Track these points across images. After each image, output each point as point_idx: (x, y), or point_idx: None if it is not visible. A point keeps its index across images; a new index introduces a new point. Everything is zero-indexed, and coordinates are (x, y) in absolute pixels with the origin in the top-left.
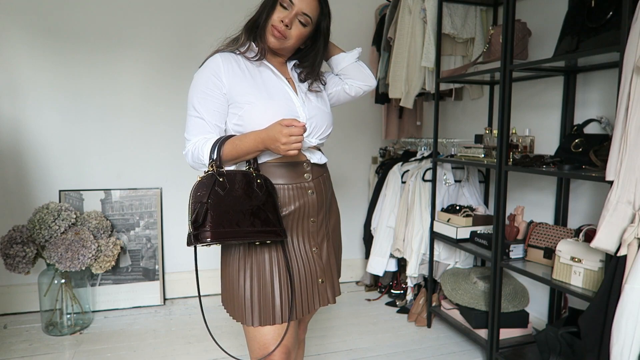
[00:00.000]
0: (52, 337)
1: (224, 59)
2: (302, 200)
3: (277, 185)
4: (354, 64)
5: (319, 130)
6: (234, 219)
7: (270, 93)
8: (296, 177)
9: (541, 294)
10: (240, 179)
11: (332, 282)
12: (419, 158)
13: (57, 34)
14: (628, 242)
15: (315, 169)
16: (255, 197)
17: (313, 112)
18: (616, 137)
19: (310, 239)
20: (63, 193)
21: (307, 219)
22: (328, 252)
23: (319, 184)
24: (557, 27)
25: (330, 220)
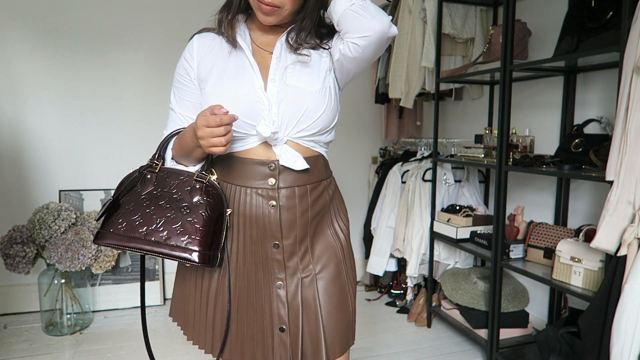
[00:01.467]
0: (52, 337)
1: (199, 39)
2: (259, 211)
3: (229, 185)
4: (348, 10)
5: (291, 118)
6: (142, 226)
7: (229, 76)
8: (254, 179)
9: (541, 294)
10: (179, 179)
11: (311, 339)
12: (419, 158)
13: (57, 34)
14: (628, 242)
15: (289, 175)
16: (186, 205)
17: (281, 94)
18: (616, 137)
19: (272, 269)
20: (63, 193)
21: (266, 241)
22: (304, 296)
23: (292, 197)
24: (557, 27)
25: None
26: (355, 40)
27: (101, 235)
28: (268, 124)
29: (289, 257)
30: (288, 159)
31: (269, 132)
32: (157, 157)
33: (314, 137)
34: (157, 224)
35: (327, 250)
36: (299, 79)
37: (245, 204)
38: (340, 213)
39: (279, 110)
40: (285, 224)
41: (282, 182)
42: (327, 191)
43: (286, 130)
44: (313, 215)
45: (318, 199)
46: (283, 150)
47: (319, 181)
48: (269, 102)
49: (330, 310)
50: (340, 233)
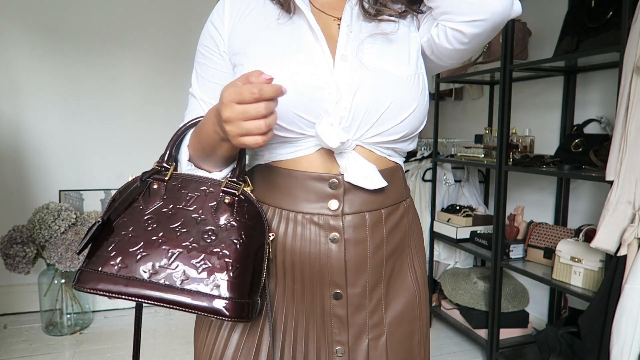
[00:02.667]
0: (52, 337)
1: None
2: (314, 248)
3: (272, 209)
4: None
5: (371, 115)
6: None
7: (281, 51)
8: (308, 201)
9: (541, 294)
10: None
11: None
12: (419, 158)
13: (57, 34)
14: (628, 242)
15: (357, 196)
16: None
17: (360, 80)
18: (616, 137)
19: (329, 328)
20: (63, 193)
21: (324, 290)
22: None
23: (362, 227)
24: (557, 27)
25: (393, 302)
26: (459, 25)
27: (85, 277)
28: (335, 125)
29: (355, 311)
30: (357, 174)
31: (338, 141)
32: (167, 159)
33: (394, 145)
34: (168, 259)
35: (404, 300)
36: (382, 57)
37: (294, 236)
38: (420, 245)
39: (352, 103)
40: (352, 265)
41: (349, 207)
42: (407, 216)
43: (358, 132)
44: (390, 252)
45: (396, 227)
46: (351, 160)
47: (397, 203)
48: (338, 90)
49: None
50: (420, 275)
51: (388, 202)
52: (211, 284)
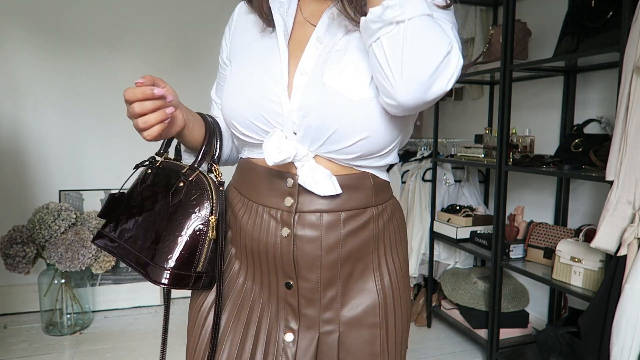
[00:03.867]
0: (52, 337)
1: (240, 8)
2: (269, 238)
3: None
4: (372, 47)
5: (320, 132)
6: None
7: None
8: (267, 196)
9: (541, 294)
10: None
11: None
12: (419, 158)
13: (57, 34)
14: (628, 242)
15: (314, 197)
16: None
17: (310, 98)
18: (616, 137)
19: (282, 314)
20: (63, 193)
21: (277, 277)
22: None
23: (316, 227)
24: (557, 27)
25: (352, 306)
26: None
27: (98, 234)
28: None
29: (307, 303)
30: (308, 178)
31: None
32: (163, 147)
33: (354, 162)
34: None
35: (363, 305)
36: (342, 75)
37: (254, 225)
38: (396, 251)
39: (302, 122)
40: (304, 260)
41: (304, 204)
42: (375, 222)
43: (312, 147)
44: (348, 254)
45: (358, 232)
46: (306, 166)
47: (361, 208)
48: (289, 107)
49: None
50: (387, 281)
51: (349, 206)
52: (157, 254)
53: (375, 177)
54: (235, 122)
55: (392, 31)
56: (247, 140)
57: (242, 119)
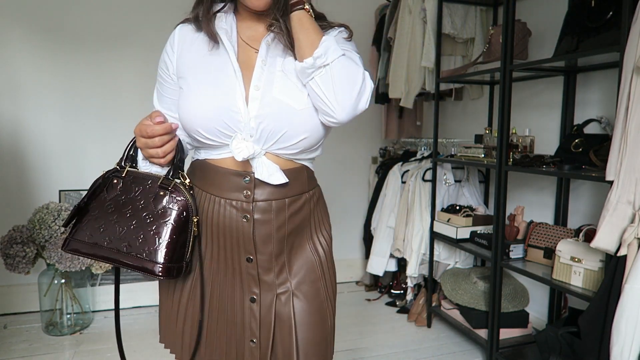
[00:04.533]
0: (52, 337)
1: (182, 29)
2: (233, 224)
3: (204, 193)
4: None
5: (272, 135)
6: (105, 235)
7: (207, 78)
8: (228, 190)
9: (541, 294)
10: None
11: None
12: (419, 158)
13: (57, 34)
14: (628, 242)
15: (265, 188)
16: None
17: (263, 109)
18: (616, 137)
19: (246, 282)
20: (63, 193)
21: (241, 254)
22: (277, 313)
23: (268, 211)
24: (557, 27)
25: (295, 267)
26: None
27: (68, 242)
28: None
29: (264, 272)
30: (263, 173)
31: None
32: (124, 160)
33: (295, 156)
34: (119, 233)
35: (305, 266)
36: (284, 89)
37: (218, 214)
38: (322, 226)
39: (258, 126)
40: (260, 238)
41: (258, 195)
42: (308, 204)
43: (265, 145)
44: (291, 230)
45: (297, 212)
46: (260, 162)
47: (299, 194)
48: (247, 115)
49: (306, 327)
50: (320, 248)
51: (292, 193)
52: (146, 251)
53: (308, 169)
54: (200, 129)
55: (322, 72)
56: (208, 143)
57: (206, 126)
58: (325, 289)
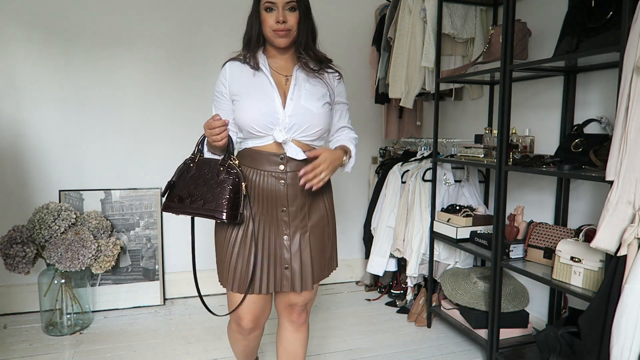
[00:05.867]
0: (52, 337)
1: (230, 66)
2: (272, 187)
3: (252, 169)
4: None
5: (299, 128)
6: (187, 198)
7: (257, 93)
8: (269, 165)
9: (541, 294)
10: (210, 165)
11: (301, 273)
12: (419, 158)
13: (57, 34)
14: (628, 242)
15: (293, 163)
16: (215, 181)
17: (295, 111)
18: (616, 137)
19: (281, 226)
20: (63, 193)
21: (277, 207)
22: (301, 245)
23: (295, 177)
24: (557, 27)
25: (312, 215)
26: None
27: (165, 206)
28: (282, 131)
29: (293, 219)
30: (292, 153)
31: (282, 138)
32: (195, 153)
33: (311, 142)
34: (196, 196)
35: (318, 215)
36: (308, 100)
37: (263, 182)
38: (329, 190)
39: (290, 122)
40: (291, 196)
41: (289, 168)
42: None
43: (293, 135)
44: (310, 191)
45: None
46: (289, 146)
47: None
48: (284, 115)
49: (315, 254)
50: (327, 204)
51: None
52: (215, 205)
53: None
54: (254, 124)
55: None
56: (256, 134)
57: (257, 122)
58: (328, 232)
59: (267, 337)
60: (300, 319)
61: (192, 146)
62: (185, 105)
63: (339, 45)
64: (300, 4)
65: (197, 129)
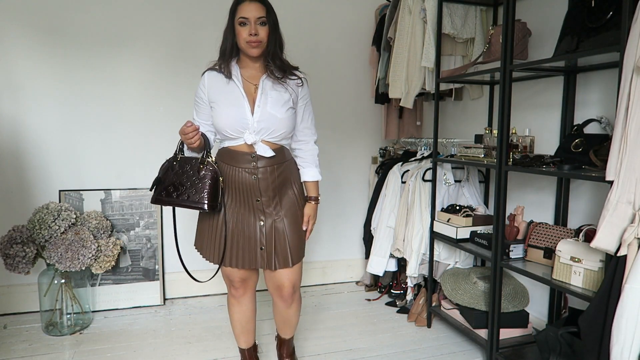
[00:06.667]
0: (52, 337)
1: (208, 75)
2: (246, 181)
3: (229, 166)
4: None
5: (267, 131)
6: (174, 191)
7: (229, 101)
8: (243, 163)
9: (541, 294)
10: (192, 163)
11: (275, 253)
12: (419, 158)
13: (57, 34)
14: (628, 242)
15: (263, 160)
16: (196, 177)
17: (262, 117)
18: (616, 137)
19: (257, 214)
20: (63, 193)
21: (252, 197)
22: (275, 230)
23: (265, 171)
24: (557, 27)
25: (284, 203)
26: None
27: (154, 199)
28: (251, 134)
29: (266, 207)
30: (261, 151)
31: (252, 140)
32: (177, 153)
33: (278, 141)
34: (182, 190)
35: (288, 202)
36: (273, 107)
37: (237, 176)
38: (296, 180)
39: (258, 126)
40: (262, 188)
41: (259, 164)
42: (287, 167)
43: (262, 136)
44: (279, 183)
45: (282, 172)
46: (259, 146)
47: (282, 162)
48: (253, 121)
49: (291, 236)
50: (297, 192)
51: (278, 161)
52: (198, 197)
53: (285, 148)
54: (227, 129)
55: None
56: (230, 137)
57: (230, 127)
58: (300, 215)
59: (266, 338)
60: (290, 299)
61: None
62: (185, 105)
63: (339, 45)
64: (269, 19)
65: None
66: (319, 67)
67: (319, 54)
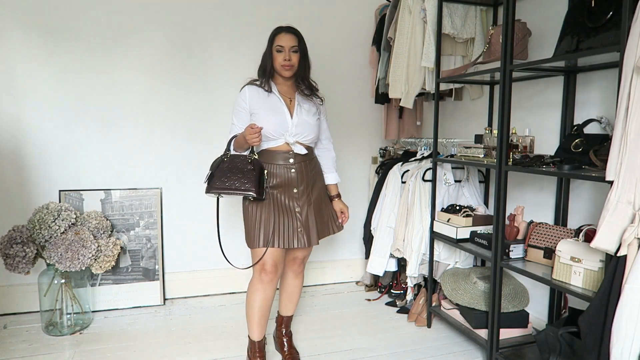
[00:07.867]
0: (52, 337)
1: (249, 89)
2: (286, 175)
3: (269, 164)
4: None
5: (302, 134)
6: (226, 181)
7: (271, 109)
8: (282, 160)
9: (541, 294)
10: (240, 159)
11: (309, 233)
12: (419, 158)
13: (57, 34)
14: (628, 242)
15: (298, 157)
16: (245, 170)
17: (299, 122)
18: (616, 137)
19: (295, 201)
20: (63, 193)
21: (291, 188)
22: (308, 214)
23: (300, 167)
24: (557, 27)
25: (314, 193)
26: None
27: (209, 187)
28: (291, 136)
29: (301, 196)
30: (298, 150)
31: (292, 141)
32: (226, 150)
33: (309, 143)
34: (233, 180)
35: (318, 192)
36: (307, 115)
37: (278, 172)
38: (321, 175)
39: (295, 130)
40: (299, 180)
41: (296, 160)
42: (317, 162)
43: (298, 139)
44: (312, 175)
45: (314, 167)
46: (296, 146)
47: (311, 159)
48: (292, 125)
49: (318, 220)
50: (322, 187)
51: (309, 158)
52: (247, 186)
53: (312, 148)
54: (271, 131)
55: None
56: (272, 138)
57: (274, 130)
58: (325, 202)
59: (270, 344)
60: (299, 269)
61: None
62: (185, 106)
63: (339, 45)
64: (300, 48)
65: (197, 129)
66: (319, 67)
67: (319, 54)
